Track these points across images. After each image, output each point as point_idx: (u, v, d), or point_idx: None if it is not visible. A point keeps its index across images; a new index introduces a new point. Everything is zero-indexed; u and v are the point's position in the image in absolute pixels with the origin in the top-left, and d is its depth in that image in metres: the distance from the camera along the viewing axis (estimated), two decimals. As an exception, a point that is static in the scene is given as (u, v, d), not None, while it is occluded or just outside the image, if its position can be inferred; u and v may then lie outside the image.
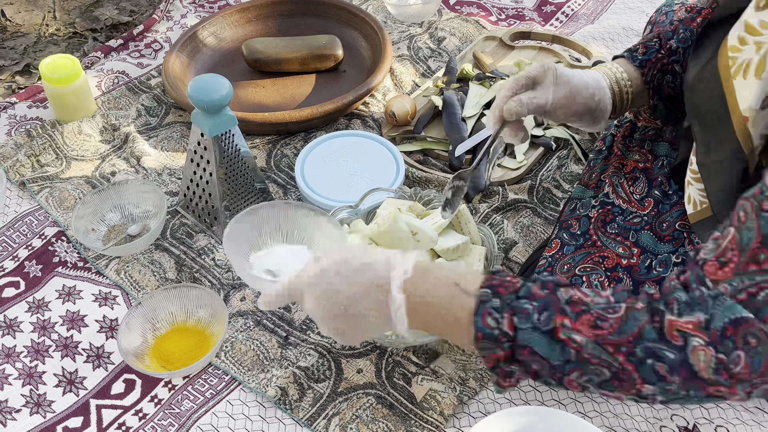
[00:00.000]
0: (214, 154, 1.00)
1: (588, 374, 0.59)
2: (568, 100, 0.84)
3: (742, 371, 0.55)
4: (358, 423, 0.86)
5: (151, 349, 0.93)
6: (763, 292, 0.54)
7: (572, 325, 0.59)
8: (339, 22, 1.43)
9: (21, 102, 1.30)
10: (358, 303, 0.65)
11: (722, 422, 0.87)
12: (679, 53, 0.88)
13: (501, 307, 0.61)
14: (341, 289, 0.65)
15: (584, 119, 0.88)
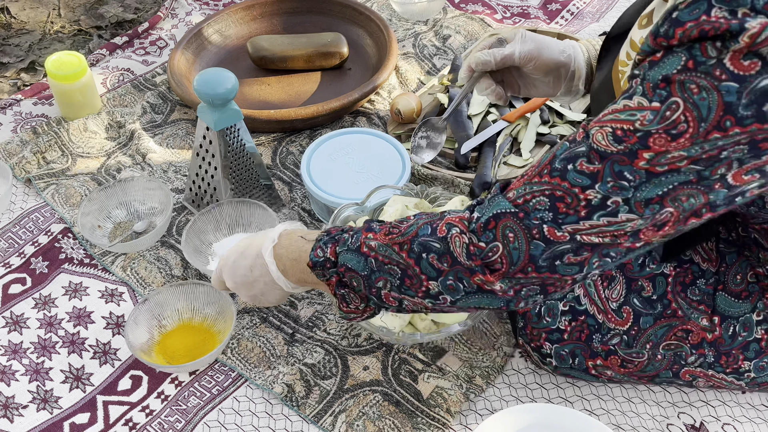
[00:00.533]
0: (219, 148, 1.00)
1: (387, 278, 0.67)
2: (538, 52, 0.88)
3: (501, 261, 0.62)
4: (365, 420, 0.86)
5: (157, 345, 0.93)
6: (534, 200, 0.61)
7: (374, 237, 0.69)
8: (344, 20, 1.43)
9: (26, 99, 1.30)
10: (251, 272, 0.79)
11: (729, 420, 0.87)
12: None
13: (328, 241, 0.72)
14: (239, 264, 0.80)
15: (558, 77, 0.90)
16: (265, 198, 1.11)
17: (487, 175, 1.12)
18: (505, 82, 0.94)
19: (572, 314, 0.83)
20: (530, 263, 0.61)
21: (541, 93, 0.94)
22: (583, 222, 0.60)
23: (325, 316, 0.97)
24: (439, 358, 0.92)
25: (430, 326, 0.88)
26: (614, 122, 0.58)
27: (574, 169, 0.60)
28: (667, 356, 0.81)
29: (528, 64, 0.88)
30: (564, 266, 0.62)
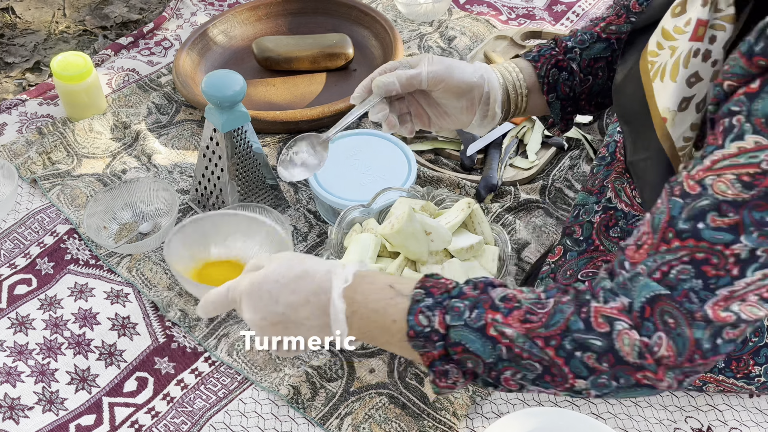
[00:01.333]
0: (226, 150, 1.00)
1: (521, 370, 0.59)
2: (447, 73, 0.81)
3: (667, 354, 0.55)
4: (371, 423, 0.86)
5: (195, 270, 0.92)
6: (674, 270, 0.55)
7: (503, 320, 0.59)
8: (349, 21, 1.43)
9: (31, 99, 1.30)
10: (296, 311, 0.65)
11: (736, 424, 0.87)
12: (576, 53, 0.87)
13: (433, 306, 0.61)
14: (280, 297, 0.65)
15: (471, 101, 0.83)
16: (271, 199, 1.11)
17: (493, 177, 1.11)
18: (412, 113, 0.86)
19: None
20: (696, 350, 0.55)
21: (454, 123, 0.86)
22: (737, 282, 0.54)
23: (331, 318, 0.97)
24: (445, 361, 0.92)
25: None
26: (734, 168, 0.54)
27: (706, 226, 0.54)
28: None
29: (437, 86, 0.81)
30: (725, 344, 0.56)
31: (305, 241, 1.07)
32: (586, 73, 0.88)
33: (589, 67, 0.88)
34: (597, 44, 0.88)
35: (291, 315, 0.65)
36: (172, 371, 0.92)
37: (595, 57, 0.88)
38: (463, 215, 0.92)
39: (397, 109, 0.86)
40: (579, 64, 0.88)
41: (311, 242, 1.07)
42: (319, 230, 1.09)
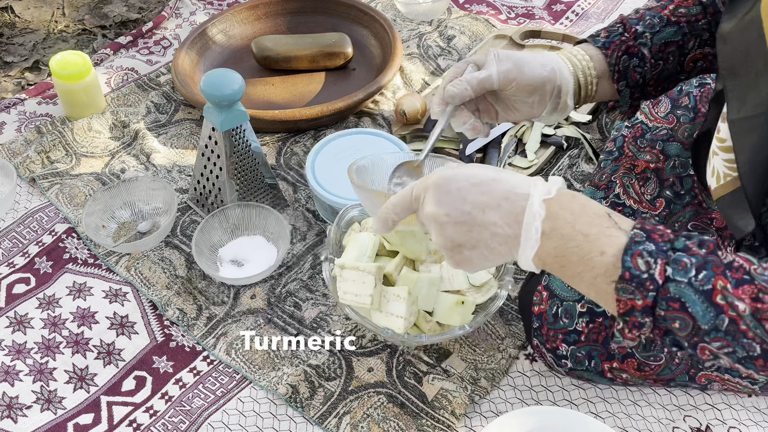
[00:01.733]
0: (224, 149, 1.00)
1: (735, 347, 0.55)
2: (518, 71, 0.79)
3: None
4: (369, 422, 0.86)
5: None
6: None
7: (733, 291, 0.54)
8: (348, 20, 1.43)
9: (30, 98, 1.30)
10: (484, 212, 0.59)
11: (735, 423, 0.86)
12: (646, 38, 0.84)
13: (655, 252, 0.56)
14: (469, 196, 0.60)
15: (543, 96, 0.82)
16: (270, 198, 1.11)
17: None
18: (480, 109, 0.85)
19: (590, 316, 0.82)
20: None
21: (524, 116, 0.85)
22: None
23: (330, 317, 0.97)
24: (443, 360, 0.92)
25: (435, 328, 0.87)
26: None
27: None
28: (684, 360, 0.80)
29: (509, 86, 0.79)
30: None
31: (304, 240, 1.07)
32: (657, 59, 0.84)
33: (660, 52, 0.84)
34: (667, 28, 0.84)
35: (477, 216, 0.60)
36: (171, 370, 0.92)
37: (666, 41, 0.84)
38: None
39: (468, 111, 0.84)
40: (650, 50, 0.84)
41: (310, 241, 1.07)
42: (318, 229, 1.09)
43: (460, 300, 0.86)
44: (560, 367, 0.86)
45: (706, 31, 0.84)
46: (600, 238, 0.57)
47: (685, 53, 0.84)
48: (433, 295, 0.86)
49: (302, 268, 1.04)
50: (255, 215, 1.05)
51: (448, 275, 0.88)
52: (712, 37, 0.83)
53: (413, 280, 0.85)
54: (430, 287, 0.86)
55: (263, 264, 1.02)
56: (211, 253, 1.03)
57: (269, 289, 1.01)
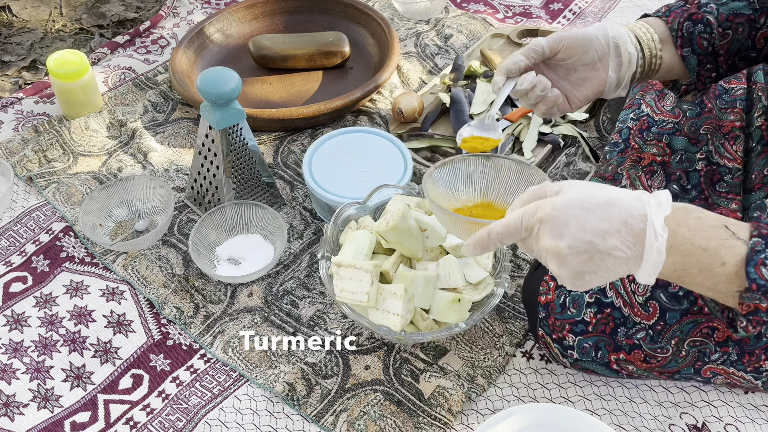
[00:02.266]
0: (221, 147, 1.00)
1: None
2: (565, 33, 0.81)
3: None
4: (366, 419, 0.86)
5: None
6: None
7: None
8: (346, 19, 1.43)
9: (28, 97, 1.30)
10: (605, 239, 0.59)
11: (731, 420, 0.87)
12: (711, 8, 0.83)
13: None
14: (588, 224, 0.60)
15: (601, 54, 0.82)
16: (267, 197, 1.11)
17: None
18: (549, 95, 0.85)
19: (598, 306, 0.82)
20: None
21: (594, 85, 0.84)
22: None
23: (327, 315, 0.97)
24: (440, 358, 0.92)
25: (432, 325, 0.87)
26: None
27: None
28: (691, 353, 0.80)
29: (559, 45, 0.81)
30: None
31: (301, 238, 1.07)
32: (725, 28, 0.82)
33: (728, 21, 0.82)
34: (735, 2, 0.83)
35: (599, 244, 0.60)
36: (168, 368, 0.92)
37: (735, 12, 0.82)
38: (459, 212, 0.92)
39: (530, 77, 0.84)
40: (717, 18, 0.82)
41: (307, 239, 1.07)
42: (315, 228, 1.09)
43: (457, 297, 0.86)
44: (565, 357, 0.86)
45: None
46: (719, 251, 0.59)
47: (756, 28, 0.83)
48: (429, 292, 0.87)
49: (299, 266, 1.04)
50: (252, 214, 1.05)
51: (444, 273, 0.88)
52: None
53: (410, 278, 0.85)
54: (427, 285, 0.86)
55: (260, 262, 1.02)
56: (208, 252, 1.03)
57: (266, 287, 1.01)
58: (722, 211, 0.87)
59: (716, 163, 0.91)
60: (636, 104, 1.02)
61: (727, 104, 0.96)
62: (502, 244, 0.65)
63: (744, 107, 0.95)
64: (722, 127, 0.94)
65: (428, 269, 0.89)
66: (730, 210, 0.86)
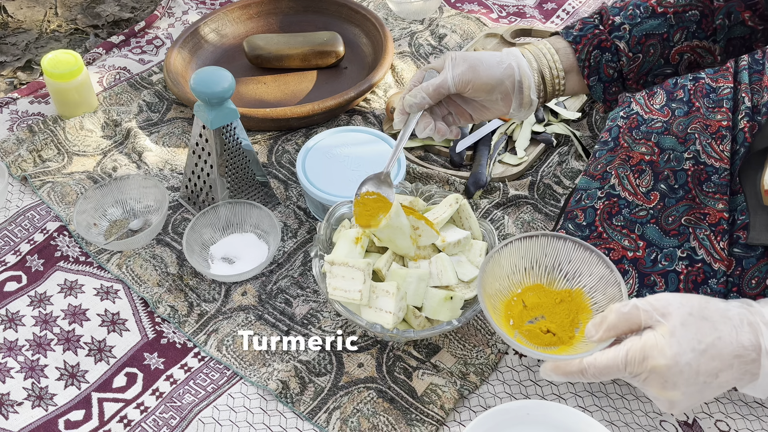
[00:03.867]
0: (215, 147, 1.01)
1: None
2: (472, 72, 0.80)
3: None
4: (359, 417, 0.86)
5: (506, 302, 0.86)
6: None
7: None
8: (340, 19, 1.44)
9: (23, 97, 1.30)
10: (717, 377, 0.61)
11: (722, 417, 0.87)
12: (624, 30, 0.82)
13: None
14: (701, 367, 0.60)
15: (505, 93, 0.82)
16: (261, 196, 1.11)
17: (482, 174, 1.12)
18: (453, 113, 0.87)
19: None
20: None
21: (494, 114, 0.87)
22: None
23: (320, 313, 0.98)
24: (433, 355, 0.93)
25: (425, 323, 0.88)
26: None
27: None
28: None
29: (465, 88, 0.81)
30: None
31: (295, 237, 1.08)
32: (635, 51, 0.83)
33: (640, 44, 0.82)
34: (650, 20, 0.82)
35: (712, 382, 0.61)
36: (162, 367, 0.93)
37: (647, 33, 0.82)
38: (451, 211, 0.93)
39: (438, 114, 0.86)
40: (628, 42, 0.82)
41: (301, 239, 1.07)
42: (309, 226, 1.09)
43: (449, 295, 0.86)
44: None
45: (694, 23, 0.82)
46: None
47: (669, 46, 0.83)
48: (422, 290, 0.87)
49: (293, 265, 1.04)
50: (246, 213, 1.05)
51: (436, 271, 0.89)
52: (700, 28, 0.82)
53: (402, 276, 0.86)
54: (419, 283, 0.87)
55: (254, 261, 1.02)
56: (202, 251, 1.03)
57: (260, 286, 1.01)
58: (709, 211, 0.87)
59: (703, 162, 0.92)
60: (626, 102, 1.03)
61: (714, 103, 0.97)
62: (596, 381, 0.65)
63: (731, 107, 0.96)
64: (709, 126, 0.94)
65: (420, 267, 0.89)
66: (717, 210, 0.87)
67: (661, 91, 1.02)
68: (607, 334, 0.64)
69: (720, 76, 1.00)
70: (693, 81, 1.01)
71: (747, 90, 0.94)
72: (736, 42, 0.83)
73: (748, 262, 0.83)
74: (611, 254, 0.86)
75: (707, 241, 0.85)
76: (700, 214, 0.87)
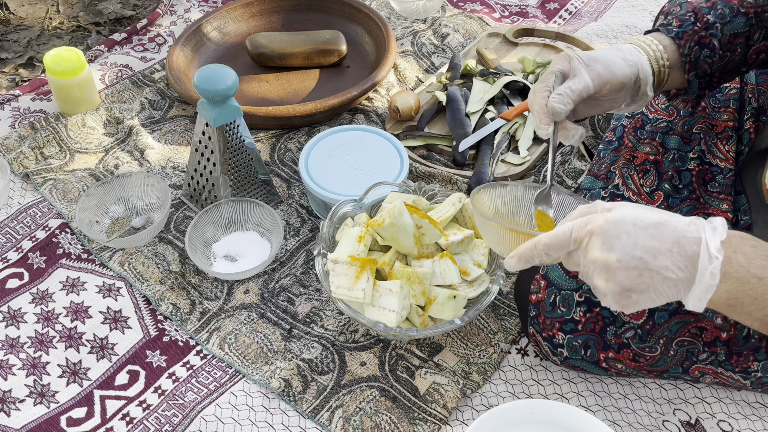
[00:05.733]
0: (218, 145, 1.01)
1: None
2: (609, 75, 0.80)
3: None
4: (362, 415, 0.86)
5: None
6: None
7: None
8: (343, 18, 1.44)
9: (24, 94, 1.30)
10: (655, 258, 0.59)
11: (724, 417, 0.87)
12: (717, 28, 0.85)
13: None
14: (639, 240, 0.59)
15: (628, 90, 0.83)
16: (263, 194, 1.11)
17: (485, 173, 1.12)
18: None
19: (587, 305, 0.82)
20: None
21: (604, 109, 0.86)
22: None
23: (323, 311, 0.98)
24: (436, 354, 0.92)
25: (427, 322, 0.88)
26: None
27: None
28: (679, 352, 0.81)
29: (604, 88, 0.81)
30: None
31: (297, 235, 1.08)
32: (725, 49, 0.85)
33: (729, 43, 0.85)
34: (737, 18, 0.85)
35: (649, 261, 0.59)
36: (164, 364, 0.93)
37: (736, 32, 0.85)
38: (454, 210, 0.93)
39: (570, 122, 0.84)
40: (720, 40, 0.85)
41: (303, 237, 1.07)
42: (311, 225, 1.09)
43: (452, 294, 0.86)
44: (556, 356, 0.86)
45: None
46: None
47: (750, 45, 0.86)
48: (425, 289, 0.87)
49: (295, 263, 1.04)
50: (248, 211, 1.05)
51: (440, 270, 0.89)
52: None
53: (406, 275, 0.86)
54: (423, 281, 0.86)
55: (257, 259, 1.02)
56: (204, 249, 1.03)
57: (263, 284, 1.01)
58: (713, 211, 0.87)
59: (708, 162, 0.91)
60: None
61: (720, 103, 0.97)
62: (548, 257, 0.64)
63: (737, 107, 0.96)
64: (715, 126, 0.94)
65: (424, 266, 0.89)
66: (721, 210, 0.87)
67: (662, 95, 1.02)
68: (568, 220, 0.65)
69: None
70: None
71: (754, 91, 0.94)
72: None
73: None
74: None
75: None
76: (705, 214, 0.87)
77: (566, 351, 0.84)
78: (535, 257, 0.65)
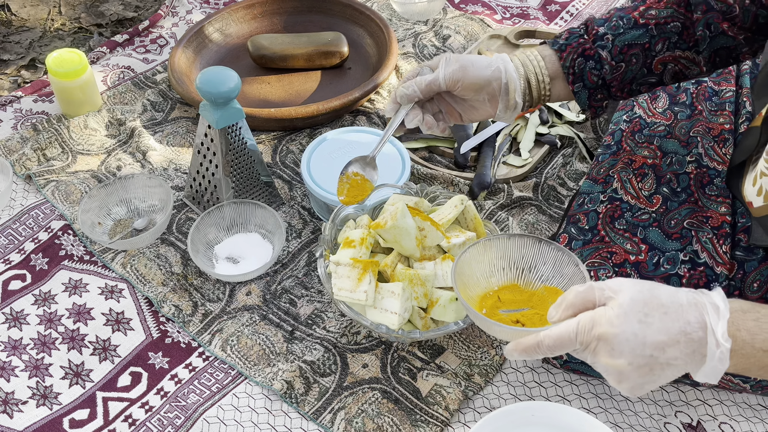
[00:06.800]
0: (220, 147, 1.01)
1: None
2: (462, 72, 0.85)
3: None
4: (364, 417, 0.86)
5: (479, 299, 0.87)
6: None
7: None
8: (344, 20, 1.44)
9: (27, 96, 1.30)
10: (664, 352, 0.61)
11: (726, 419, 0.87)
12: (607, 39, 0.86)
13: None
14: (647, 338, 0.60)
15: (492, 94, 0.87)
16: (265, 196, 1.11)
17: (487, 175, 1.12)
18: (443, 111, 0.92)
19: None
20: None
21: (483, 115, 0.91)
22: None
23: (325, 313, 0.98)
24: (438, 356, 0.93)
25: (430, 324, 0.88)
26: None
27: None
28: None
29: (455, 86, 0.86)
30: None
31: (299, 237, 1.08)
32: (618, 60, 0.86)
33: (622, 53, 0.86)
34: (632, 30, 0.86)
35: (659, 357, 0.61)
36: (166, 366, 0.93)
37: (630, 43, 0.86)
38: (456, 212, 0.93)
39: (429, 110, 0.91)
40: (610, 51, 0.86)
41: (305, 239, 1.08)
42: (313, 227, 1.09)
43: (454, 296, 0.87)
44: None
45: (676, 34, 0.85)
46: None
47: (652, 56, 0.86)
48: (427, 291, 0.87)
49: (297, 265, 1.04)
50: (251, 212, 1.05)
51: (442, 272, 0.89)
52: (681, 39, 0.86)
53: (408, 277, 0.86)
54: (425, 283, 0.87)
55: (259, 261, 1.02)
56: (206, 250, 1.03)
57: (264, 286, 1.01)
58: (711, 214, 0.88)
59: (706, 165, 0.92)
60: (629, 106, 1.03)
61: (717, 106, 0.97)
62: (551, 354, 0.65)
63: (733, 110, 0.96)
64: (712, 129, 0.95)
65: (426, 268, 0.89)
66: (719, 213, 0.87)
67: (664, 95, 1.02)
68: (565, 312, 0.65)
69: (722, 79, 1.01)
70: (696, 84, 1.01)
71: (748, 94, 0.95)
72: (721, 52, 0.86)
73: (749, 266, 0.83)
74: (613, 258, 0.86)
75: (710, 245, 0.85)
76: (703, 217, 0.88)
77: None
78: (539, 354, 0.66)
